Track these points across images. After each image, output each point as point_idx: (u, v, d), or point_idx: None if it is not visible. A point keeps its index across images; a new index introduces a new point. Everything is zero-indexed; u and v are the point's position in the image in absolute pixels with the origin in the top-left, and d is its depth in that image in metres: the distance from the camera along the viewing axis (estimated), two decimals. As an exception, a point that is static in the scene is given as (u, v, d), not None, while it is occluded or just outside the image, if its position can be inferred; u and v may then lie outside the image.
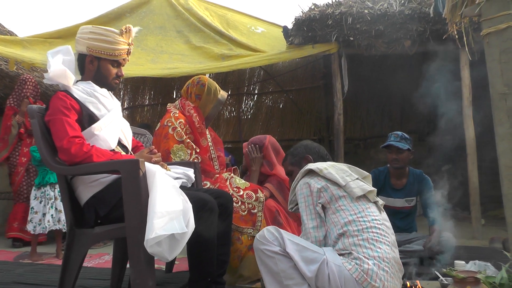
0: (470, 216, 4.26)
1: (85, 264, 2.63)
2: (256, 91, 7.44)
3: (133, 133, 2.38)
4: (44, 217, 3.68)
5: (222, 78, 7.16)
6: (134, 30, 2.18)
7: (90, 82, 2.13)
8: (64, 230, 3.75)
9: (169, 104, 2.83)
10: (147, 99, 7.84)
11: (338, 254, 1.78)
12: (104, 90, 2.15)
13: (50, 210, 3.70)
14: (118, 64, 2.17)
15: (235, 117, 7.39)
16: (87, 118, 2.02)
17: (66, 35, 5.10)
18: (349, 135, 6.64)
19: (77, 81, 2.13)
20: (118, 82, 2.23)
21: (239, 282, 2.51)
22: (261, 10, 26.18)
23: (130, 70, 4.50)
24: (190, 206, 1.80)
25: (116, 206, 1.90)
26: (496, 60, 1.99)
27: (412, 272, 2.47)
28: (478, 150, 4.26)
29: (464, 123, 4.25)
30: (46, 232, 3.71)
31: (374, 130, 6.75)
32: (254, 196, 2.60)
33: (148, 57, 5.05)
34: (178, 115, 2.66)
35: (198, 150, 2.64)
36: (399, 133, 3.15)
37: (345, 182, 1.90)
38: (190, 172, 2.28)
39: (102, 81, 2.15)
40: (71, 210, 2.01)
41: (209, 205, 1.99)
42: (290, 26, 4.66)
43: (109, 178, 1.99)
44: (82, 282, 2.63)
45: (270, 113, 7.27)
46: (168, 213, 1.68)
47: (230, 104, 7.42)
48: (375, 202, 1.94)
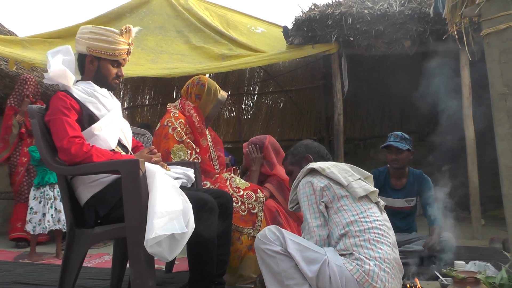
0: (470, 216, 4.25)
1: (85, 264, 2.63)
2: (256, 91, 7.44)
3: (133, 133, 2.38)
4: (44, 217, 3.68)
5: (222, 78, 7.15)
6: (134, 30, 2.18)
7: (90, 82, 2.13)
8: (64, 230, 3.75)
9: (169, 104, 2.83)
10: (147, 99, 7.84)
11: (339, 254, 1.77)
12: (104, 90, 2.16)
13: (50, 210, 3.70)
14: (118, 64, 2.17)
15: (235, 117, 7.39)
16: (87, 118, 2.02)
17: (66, 35, 5.09)
18: (349, 135, 6.64)
19: (77, 81, 2.13)
20: (118, 82, 2.23)
21: (239, 282, 2.51)
22: (261, 10, 26.20)
23: (130, 70, 4.50)
24: (190, 206, 1.80)
25: (116, 206, 1.91)
26: (496, 60, 1.99)
27: (412, 272, 2.47)
28: (478, 150, 4.26)
29: (464, 123, 4.25)
30: (46, 232, 3.71)
31: (374, 130, 6.75)
32: (254, 196, 2.60)
33: (148, 57, 5.05)
34: (178, 115, 2.66)
35: (198, 150, 2.64)
36: (399, 133, 3.15)
37: (347, 182, 1.90)
38: (190, 172, 2.28)
39: (102, 81, 2.15)
40: (71, 210, 2.01)
41: (209, 205, 1.99)
42: (290, 26, 4.67)
43: (109, 178, 1.99)
44: (82, 282, 2.63)
45: (270, 113, 7.27)
46: (168, 213, 1.68)
47: (230, 104, 7.42)
48: (377, 203, 1.94)
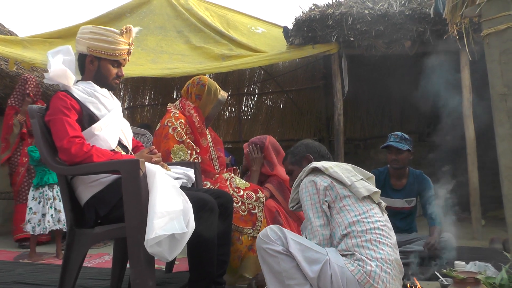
0: (470, 216, 4.25)
1: (85, 264, 2.63)
2: (256, 91, 7.43)
3: (133, 133, 2.38)
4: (43, 217, 3.68)
5: (222, 78, 7.15)
6: (135, 30, 2.18)
7: (91, 82, 2.13)
8: (64, 230, 3.75)
9: (169, 104, 2.83)
10: (147, 99, 7.83)
11: (340, 255, 1.77)
12: (104, 90, 2.16)
13: (49, 211, 3.70)
14: (119, 64, 2.18)
15: (235, 117, 7.39)
16: (87, 118, 2.02)
17: (66, 35, 5.09)
18: (349, 136, 6.64)
19: (77, 81, 2.13)
20: (118, 82, 2.23)
21: (239, 282, 2.51)
22: (261, 11, 26.21)
23: (130, 70, 4.50)
24: (190, 206, 1.80)
25: (116, 206, 1.91)
26: (496, 60, 1.99)
27: (412, 272, 2.47)
28: (478, 150, 4.26)
29: (464, 124, 4.25)
30: (47, 232, 3.71)
31: (374, 130, 6.74)
32: (254, 196, 2.59)
33: (148, 57, 5.04)
34: (178, 115, 2.66)
35: (198, 150, 2.64)
36: (399, 133, 3.15)
37: (350, 182, 1.89)
38: (190, 172, 2.28)
39: (103, 81, 2.16)
40: (71, 210, 2.01)
41: (209, 205, 1.99)
42: (290, 26, 4.66)
43: (109, 178, 1.99)
44: (82, 282, 2.63)
45: (270, 113, 7.27)
46: (168, 213, 1.69)
47: (230, 104, 7.42)
48: (378, 204, 1.94)
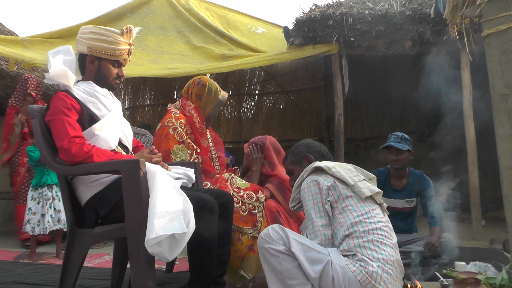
0: (470, 217, 4.25)
1: (85, 264, 2.63)
2: (256, 92, 7.44)
3: (133, 133, 2.38)
4: (43, 217, 3.68)
5: (223, 79, 7.15)
6: (135, 30, 2.18)
7: (91, 82, 2.13)
8: (64, 230, 3.75)
9: (169, 104, 2.83)
10: (148, 99, 7.84)
11: (342, 255, 1.76)
12: (104, 90, 2.16)
13: (49, 211, 3.70)
14: (119, 64, 2.17)
15: (236, 117, 7.39)
16: (88, 118, 2.02)
17: (66, 35, 5.09)
18: (349, 136, 6.64)
19: (77, 81, 2.13)
20: (118, 82, 2.23)
21: (240, 283, 2.51)
22: (261, 11, 26.21)
23: (131, 70, 4.50)
24: (190, 206, 1.80)
25: (116, 206, 1.91)
26: (496, 61, 1.99)
27: (412, 273, 2.47)
28: (479, 150, 4.25)
29: (464, 124, 4.25)
30: (47, 232, 3.71)
31: (375, 130, 6.74)
32: (255, 196, 2.59)
33: (148, 57, 5.05)
34: (178, 115, 2.66)
35: (198, 151, 2.64)
36: (399, 133, 3.15)
37: (353, 182, 1.89)
38: (191, 172, 2.28)
39: (103, 81, 2.16)
40: (72, 210, 2.01)
41: (209, 205, 1.99)
42: (290, 26, 4.66)
43: (109, 178, 1.99)
44: (83, 282, 2.63)
45: (271, 113, 7.27)
46: (168, 213, 1.68)
47: (231, 104, 7.42)
48: (380, 204, 1.94)
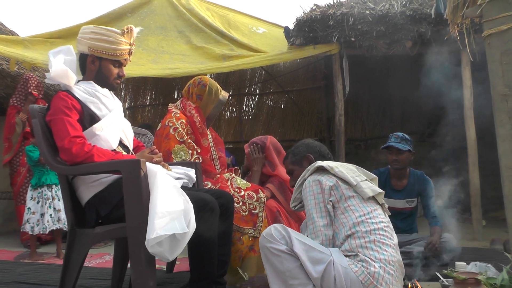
0: (471, 217, 4.25)
1: (86, 264, 2.63)
2: (257, 92, 7.43)
3: (134, 133, 2.38)
4: (42, 217, 3.68)
5: (223, 79, 7.15)
6: (136, 30, 2.18)
7: (92, 82, 2.13)
8: (64, 229, 3.75)
9: (170, 104, 2.83)
10: (149, 99, 7.84)
11: (344, 255, 1.76)
12: (105, 90, 2.16)
13: (48, 210, 3.70)
14: (120, 64, 2.18)
15: (236, 117, 7.39)
16: (88, 118, 2.02)
17: (67, 35, 5.09)
18: (350, 136, 6.63)
19: (78, 81, 2.13)
20: (119, 82, 2.23)
21: (240, 283, 2.51)
22: (262, 11, 26.20)
23: (131, 70, 4.50)
24: (191, 206, 1.80)
25: (117, 206, 1.91)
26: (497, 61, 1.99)
27: (412, 273, 2.46)
28: (479, 151, 4.25)
29: (465, 124, 4.25)
30: (47, 232, 3.71)
31: (375, 131, 6.74)
32: (255, 196, 2.59)
33: (149, 57, 5.05)
34: (179, 115, 2.66)
35: (199, 151, 2.64)
36: (400, 134, 3.15)
37: (356, 182, 1.88)
38: (191, 172, 2.28)
39: (104, 81, 2.16)
40: (72, 210, 2.01)
41: (210, 205, 1.99)
42: (291, 26, 4.66)
43: (110, 178, 1.99)
44: (83, 282, 2.63)
45: (271, 113, 7.27)
46: (169, 213, 1.69)
47: (231, 104, 7.42)
48: (381, 204, 1.94)
